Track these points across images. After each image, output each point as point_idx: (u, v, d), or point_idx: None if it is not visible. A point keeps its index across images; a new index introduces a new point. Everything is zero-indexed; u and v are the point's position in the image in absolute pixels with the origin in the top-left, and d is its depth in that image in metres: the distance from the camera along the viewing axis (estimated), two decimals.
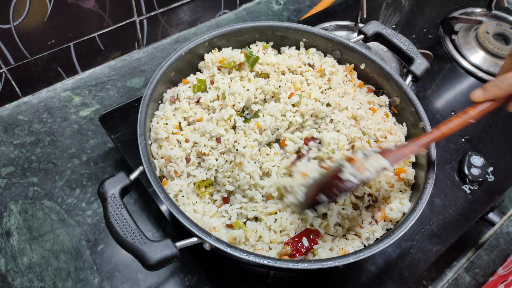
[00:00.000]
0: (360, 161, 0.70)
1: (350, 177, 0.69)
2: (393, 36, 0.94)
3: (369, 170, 0.70)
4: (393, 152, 0.73)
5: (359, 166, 0.70)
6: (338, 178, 0.70)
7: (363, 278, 0.88)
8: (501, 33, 1.32)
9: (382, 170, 0.70)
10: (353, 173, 0.69)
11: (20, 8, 0.96)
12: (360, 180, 0.69)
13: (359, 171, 0.69)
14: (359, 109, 0.88)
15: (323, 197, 0.70)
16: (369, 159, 0.71)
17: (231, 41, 0.98)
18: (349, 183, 0.69)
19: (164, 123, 0.86)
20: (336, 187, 0.69)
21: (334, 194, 0.70)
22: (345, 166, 0.70)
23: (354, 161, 0.71)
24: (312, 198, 0.73)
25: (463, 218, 0.98)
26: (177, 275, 0.91)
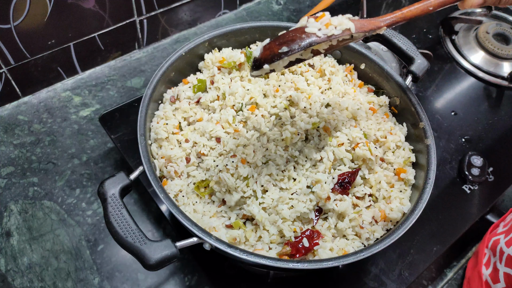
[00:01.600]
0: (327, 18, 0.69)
1: (316, 30, 0.67)
2: (393, 36, 0.94)
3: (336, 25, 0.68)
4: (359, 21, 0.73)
5: (326, 21, 0.68)
6: (303, 31, 0.67)
7: (363, 278, 0.88)
8: (501, 33, 1.32)
9: (346, 31, 0.69)
10: (319, 27, 0.67)
11: (20, 8, 0.96)
12: (325, 35, 0.67)
13: (325, 26, 0.68)
14: (359, 109, 0.88)
15: (284, 47, 0.66)
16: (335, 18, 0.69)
17: (231, 41, 0.98)
18: (313, 36, 0.67)
19: (164, 123, 0.86)
20: (300, 39, 0.67)
21: (297, 45, 0.66)
22: (310, 22, 0.68)
23: (320, 18, 0.69)
24: (272, 50, 0.67)
25: (463, 218, 0.98)
26: (177, 275, 0.91)
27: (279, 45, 0.67)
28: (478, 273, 0.88)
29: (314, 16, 0.69)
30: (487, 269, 0.86)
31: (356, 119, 0.87)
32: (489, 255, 0.88)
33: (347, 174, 0.79)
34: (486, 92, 1.24)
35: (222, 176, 0.78)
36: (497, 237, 0.89)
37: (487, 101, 1.22)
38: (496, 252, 0.85)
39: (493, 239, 0.89)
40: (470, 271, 0.94)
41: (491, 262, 0.86)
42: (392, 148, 0.86)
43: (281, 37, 0.68)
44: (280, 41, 0.67)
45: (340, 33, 0.68)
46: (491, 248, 0.88)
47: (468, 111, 1.18)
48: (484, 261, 0.88)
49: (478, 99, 1.22)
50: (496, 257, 0.85)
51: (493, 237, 0.90)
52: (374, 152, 0.81)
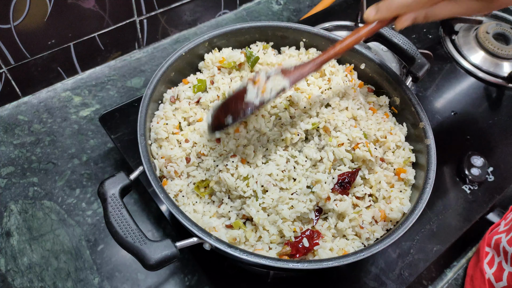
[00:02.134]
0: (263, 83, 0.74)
1: (253, 99, 0.73)
2: (393, 36, 0.94)
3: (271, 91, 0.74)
4: (293, 72, 0.76)
5: (262, 87, 0.74)
6: (242, 100, 0.74)
7: (363, 278, 0.88)
8: (501, 33, 1.32)
9: (282, 91, 0.75)
10: (256, 94, 0.73)
11: (20, 8, 0.96)
12: (261, 102, 0.74)
13: (261, 93, 0.73)
14: (359, 109, 0.88)
15: (229, 118, 0.75)
16: (270, 80, 0.74)
17: (231, 41, 0.98)
18: (251, 105, 0.73)
19: (164, 123, 0.86)
20: (240, 110, 0.74)
21: (239, 116, 0.74)
22: (248, 89, 0.74)
23: (257, 82, 0.74)
24: (219, 119, 0.77)
25: (463, 218, 0.98)
26: (177, 275, 0.91)
27: (224, 115, 0.76)
28: (480, 271, 0.88)
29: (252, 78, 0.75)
30: (491, 268, 0.86)
31: (356, 119, 0.87)
32: (492, 254, 0.88)
33: (347, 174, 0.79)
34: (486, 92, 1.24)
35: (222, 176, 0.78)
36: (498, 235, 0.89)
37: (487, 101, 1.22)
38: (500, 252, 0.85)
39: (494, 238, 0.89)
40: (472, 269, 0.94)
41: (495, 261, 0.86)
42: (392, 148, 0.86)
43: (226, 106, 0.77)
44: (225, 111, 0.77)
45: (275, 94, 0.75)
46: (494, 247, 0.88)
47: (468, 111, 1.18)
48: (487, 259, 0.88)
49: (478, 99, 1.22)
50: (501, 256, 0.85)
51: (495, 236, 0.90)
52: (374, 153, 0.81)
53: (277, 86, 0.74)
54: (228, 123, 0.75)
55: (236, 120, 0.75)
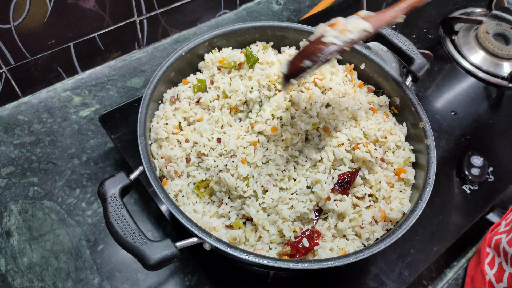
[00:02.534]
0: (342, 23, 0.69)
1: (333, 39, 0.68)
2: (393, 36, 0.94)
3: (352, 31, 0.69)
4: (374, 17, 0.72)
5: (341, 28, 0.69)
6: (321, 42, 0.69)
7: (363, 278, 0.88)
8: (501, 33, 1.32)
9: (364, 32, 0.70)
10: (336, 35, 0.68)
11: (20, 8, 0.96)
12: (344, 42, 0.68)
13: (341, 32, 0.68)
14: (359, 109, 0.88)
15: (307, 62, 0.69)
16: (349, 22, 0.70)
17: (231, 41, 0.98)
18: (333, 45, 0.68)
19: (164, 123, 0.86)
20: (320, 51, 0.68)
21: (318, 57, 0.68)
22: (326, 30, 0.69)
23: (335, 24, 0.69)
24: (296, 66, 0.71)
25: (463, 218, 0.98)
26: (177, 275, 0.91)
27: (301, 60, 0.69)
28: (481, 271, 0.88)
29: (329, 23, 0.70)
30: (492, 268, 0.86)
31: (356, 119, 0.87)
32: (492, 254, 0.88)
33: (347, 174, 0.79)
34: (486, 92, 1.24)
35: (222, 176, 0.78)
36: (498, 236, 0.89)
37: (487, 101, 1.22)
38: (500, 252, 0.85)
39: (495, 238, 0.89)
40: (473, 269, 0.94)
41: (495, 262, 0.86)
42: (392, 148, 0.86)
43: (303, 51, 0.70)
44: (302, 55, 0.70)
45: (358, 36, 0.69)
46: (494, 248, 0.88)
47: (468, 111, 1.18)
48: (487, 260, 0.88)
49: (478, 99, 1.22)
50: (501, 257, 0.85)
51: (495, 236, 0.90)
52: (374, 154, 0.81)
53: (359, 27, 0.69)
54: (306, 66, 0.68)
55: (315, 63, 0.68)
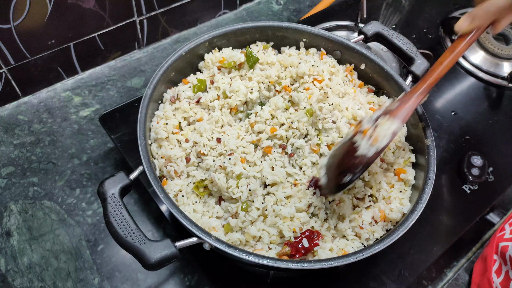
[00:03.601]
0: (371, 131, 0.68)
1: (365, 151, 0.67)
2: (393, 36, 0.94)
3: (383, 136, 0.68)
4: (399, 109, 0.70)
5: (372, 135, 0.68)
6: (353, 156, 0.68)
7: (363, 278, 0.88)
8: (501, 33, 1.32)
9: (395, 133, 0.68)
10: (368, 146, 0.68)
11: (20, 8, 0.96)
12: (377, 153, 0.68)
13: (374, 142, 0.67)
14: (359, 109, 0.88)
15: (347, 177, 0.69)
16: (379, 127, 0.68)
17: (231, 41, 0.98)
18: (366, 158, 0.68)
19: (164, 123, 0.86)
20: (356, 166, 0.68)
21: (358, 170, 0.68)
22: (357, 141, 0.68)
23: (364, 132, 0.69)
24: (336, 180, 0.71)
25: (463, 218, 0.98)
26: (177, 275, 0.91)
27: (342, 176, 0.70)
28: (488, 280, 0.87)
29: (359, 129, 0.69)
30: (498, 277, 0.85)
31: (356, 119, 0.87)
32: (499, 262, 0.87)
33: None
34: (486, 92, 1.24)
35: (213, 176, 0.78)
36: (504, 243, 0.87)
37: (487, 101, 1.21)
38: (507, 261, 0.84)
39: (501, 245, 0.87)
40: (479, 277, 0.92)
41: (502, 271, 0.85)
42: (392, 148, 0.86)
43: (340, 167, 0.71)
44: (340, 171, 0.70)
45: (389, 141, 0.69)
46: (501, 255, 0.86)
47: (468, 111, 1.18)
48: (495, 268, 0.87)
49: (478, 99, 1.22)
50: (508, 265, 0.83)
51: (501, 242, 0.88)
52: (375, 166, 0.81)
53: (388, 131, 0.68)
54: (347, 182, 0.70)
55: (355, 175, 0.69)
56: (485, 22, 0.68)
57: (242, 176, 0.78)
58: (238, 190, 0.77)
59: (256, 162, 0.82)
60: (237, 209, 0.77)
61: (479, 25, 0.69)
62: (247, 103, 0.91)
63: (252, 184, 0.78)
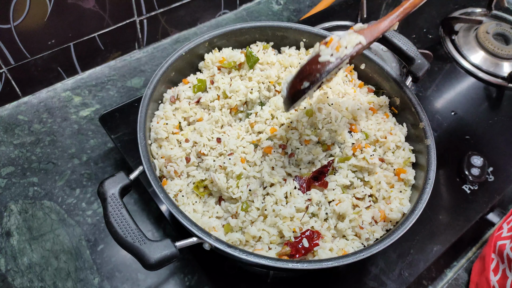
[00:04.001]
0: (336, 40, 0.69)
1: (329, 57, 0.68)
2: (393, 36, 0.94)
3: (346, 46, 0.68)
4: (368, 29, 0.72)
5: (336, 45, 0.68)
6: (317, 62, 0.68)
7: (363, 278, 0.88)
8: (501, 33, 1.32)
9: (358, 45, 0.69)
10: (331, 53, 0.68)
11: (20, 8, 0.96)
12: (339, 59, 0.68)
13: (336, 49, 0.68)
14: (359, 109, 0.88)
15: (306, 83, 0.69)
16: (343, 38, 0.69)
17: (231, 41, 0.98)
18: (329, 63, 0.68)
19: (164, 123, 0.86)
20: (317, 71, 0.68)
21: (316, 78, 0.68)
22: (322, 50, 0.69)
23: (330, 42, 0.69)
24: (296, 88, 0.70)
25: (463, 218, 0.98)
26: (177, 275, 0.91)
27: (300, 82, 0.69)
28: (486, 279, 0.87)
29: (324, 42, 0.70)
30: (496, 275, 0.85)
31: (356, 119, 0.87)
32: (497, 260, 0.87)
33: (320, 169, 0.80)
34: (486, 92, 1.24)
35: (213, 176, 0.78)
36: (502, 241, 0.87)
37: (487, 101, 1.22)
38: (504, 259, 0.84)
39: (498, 244, 0.88)
40: (477, 276, 0.92)
41: (499, 269, 0.85)
42: (392, 148, 0.86)
43: (301, 73, 0.70)
44: (300, 77, 0.70)
45: (352, 50, 0.69)
46: (498, 254, 0.86)
47: (468, 111, 1.18)
48: (492, 266, 0.87)
49: (478, 99, 1.22)
50: (505, 264, 0.83)
51: (499, 241, 0.88)
52: (371, 161, 0.81)
53: (352, 41, 0.69)
54: (304, 88, 0.69)
55: (313, 84, 0.68)
56: None
57: (242, 176, 0.78)
58: (238, 190, 0.77)
59: (256, 162, 0.82)
60: (237, 209, 0.77)
61: None
62: (247, 103, 0.91)
63: (252, 184, 0.78)
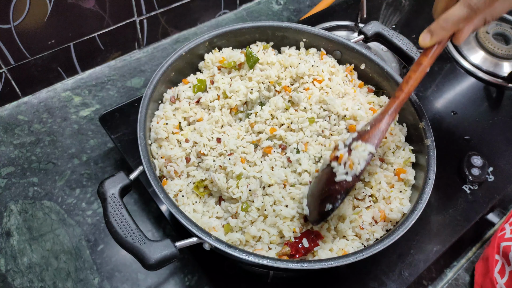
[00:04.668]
0: (347, 157, 0.71)
1: (345, 176, 0.70)
2: (393, 36, 0.94)
3: (359, 162, 0.70)
4: (372, 132, 0.73)
5: (349, 162, 0.70)
6: (334, 182, 0.71)
7: (363, 278, 0.88)
8: (501, 33, 1.32)
9: (370, 157, 0.71)
10: (345, 171, 0.70)
11: (20, 8, 0.96)
12: (355, 176, 0.70)
13: (350, 167, 0.70)
14: (359, 109, 0.88)
15: (328, 205, 0.71)
16: (353, 152, 0.71)
17: (231, 41, 0.98)
18: (345, 183, 0.70)
19: (164, 123, 0.86)
20: (337, 192, 0.70)
21: (337, 199, 0.70)
22: (335, 167, 0.71)
23: (340, 159, 0.71)
24: (318, 210, 0.73)
25: (463, 218, 0.98)
26: (177, 275, 0.91)
27: (322, 205, 0.71)
28: (490, 280, 0.86)
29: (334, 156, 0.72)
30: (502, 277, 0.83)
31: (356, 119, 0.87)
32: (502, 262, 0.86)
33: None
34: (486, 92, 1.24)
35: (214, 176, 0.78)
36: (506, 243, 0.86)
37: (487, 101, 1.21)
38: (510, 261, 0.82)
39: (502, 245, 0.86)
40: (481, 277, 0.91)
41: (506, 271, 0.83)
42: (392, 148, 0.86)
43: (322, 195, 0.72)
44: (321, 199, 0.72)
45: (365, 164, 0.71)
46: (503, 256, 0.85)
47: (468, 111, 1.18)
48: (497, 268, 0.86)
49: (478, 99, 1.22)
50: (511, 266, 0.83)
51: (502, 242, 0.87)
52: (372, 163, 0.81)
53: (363, 155, 0.71)
54: (328, 210, 0.71)
55: (336, 206, 0.70)
56: (444, 36, 0.69)
57: (242, 176, 0.78)
58: (238, 190, 0.77)
59: (256, 162, 0.82)
60: (237, 209, 0.77)
61: (438, 39, 0.70)
62: (247, 103, 0.91)
63: (252, 184, 0.78)
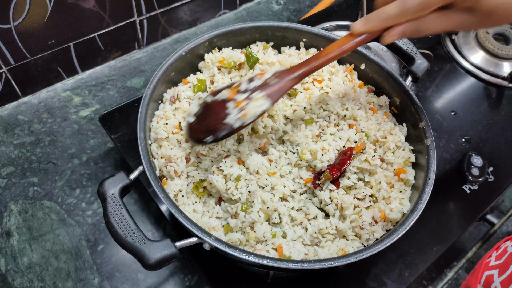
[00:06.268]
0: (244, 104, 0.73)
1: (232, 121, 0.73)
2: None
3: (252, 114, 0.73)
4: (275, 89, 0.74)
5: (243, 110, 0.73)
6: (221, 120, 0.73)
7: (363, 278, 0.88)
8: (501, 33, 1.32)
9: (262, 114, 0.74)
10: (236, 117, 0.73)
11: (20, 8, 0.96)
12: (240, 126, 0.73)
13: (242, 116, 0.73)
14: (359, 109, 0.88)
15: (209, 138, 0.74)
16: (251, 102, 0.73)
17: (231, 41, 0.98)
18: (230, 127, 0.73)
19: (164, 123, 0.86)
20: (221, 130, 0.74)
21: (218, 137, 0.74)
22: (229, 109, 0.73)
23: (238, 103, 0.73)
24: (199, 135, 0.76)
25: (463, 218, 0.98)
26: (177, 275, 0.91)
27: (204, 133, 0.75)
28: None
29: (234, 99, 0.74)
30: None
31: (356, 119, 0.87)
32: None
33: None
34: (486, 92, 1.24)
35: (211, 178, 0.78)
36: (490, 271, 0.79)
37: (487, 101, 1.21)
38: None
39: (485, 274, 0.80)
40: None
41: None
42: (392, 148, 0.86)
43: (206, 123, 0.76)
44: (205, 128, 0.75)
45: (255, 119, 0.74)
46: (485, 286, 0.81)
47: (468, 111, 1.18)
48: None
49: (478, 99, 1.22)
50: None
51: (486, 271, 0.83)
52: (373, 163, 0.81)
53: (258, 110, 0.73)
54: (207, 141, 0.75)
55: (215, 141, 0.75)
56: (376, 27, 0.69)
57: (241, 178, 0.78)
58: (238, 191, 0.77)
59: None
60: (236, 209, 0.77)
61: (370, 28, 0.70)
62: None
63: (251, 186, 0.78)
